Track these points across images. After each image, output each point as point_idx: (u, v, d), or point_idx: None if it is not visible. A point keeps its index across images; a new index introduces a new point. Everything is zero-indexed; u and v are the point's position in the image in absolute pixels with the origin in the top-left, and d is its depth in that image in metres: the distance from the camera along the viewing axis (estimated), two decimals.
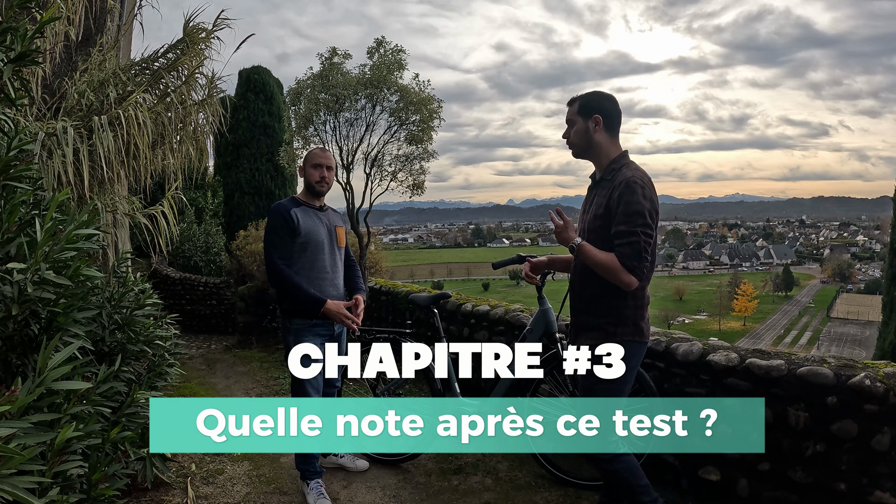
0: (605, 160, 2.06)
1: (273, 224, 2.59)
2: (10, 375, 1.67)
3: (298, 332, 2.59)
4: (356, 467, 2.94)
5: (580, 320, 2.11)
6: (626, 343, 1.97)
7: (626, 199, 1.90)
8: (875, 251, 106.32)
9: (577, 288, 2.13)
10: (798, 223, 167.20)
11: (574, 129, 2.07)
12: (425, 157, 4.97)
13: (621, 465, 2.00)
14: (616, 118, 2.06)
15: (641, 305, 2.01)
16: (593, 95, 2.07)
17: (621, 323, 1.98)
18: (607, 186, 2.00)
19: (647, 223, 1.90)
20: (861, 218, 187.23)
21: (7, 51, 1.78)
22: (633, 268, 1.89)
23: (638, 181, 1.92)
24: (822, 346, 47.01)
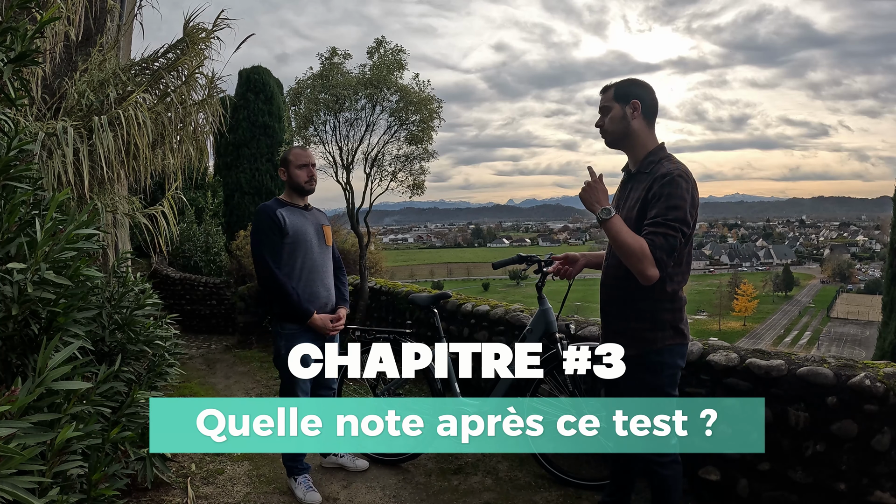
0: (641, 151, 1.93)
1: (260, 225, 2.57)
2: (10, 375, 1.67)
3: (290, 337, 2.58)
4: (356, 467, 2.93)
5: (613, 325, 2.00)
6: (667, 348, 1.88)
7: (668, 191, 1.77)
8: (875, 251, 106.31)
9: (610, 289, 2.01)
10: (798, 223, 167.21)
11: (609, 116, 1.94)
12: (425, 157, 4.97)
13: (672, 472, 1.95)
14: (654, 106, 1.94)
15: (679, 308, 1.91)
16: (631, 81, 1.96)
17: (658, 328, 1.88)
18: (644, 180, 1.87)
19: (686, 220, 1.78)
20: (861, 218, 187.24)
21: (7, 51, 1.78)
22: (660, 260, 1.76)
23: (682, 175, 1.80)
24: (822, 346, 47.01)
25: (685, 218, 1.77)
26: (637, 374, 1.93)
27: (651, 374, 1.90)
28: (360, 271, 5.22)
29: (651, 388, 1.91)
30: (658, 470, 1.95)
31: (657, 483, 1.97)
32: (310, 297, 2.62)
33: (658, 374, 1.90)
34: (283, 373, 2.64)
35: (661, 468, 1.94)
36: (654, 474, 1.97)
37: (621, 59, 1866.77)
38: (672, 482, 1.95)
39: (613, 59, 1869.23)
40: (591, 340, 2.88)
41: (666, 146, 1.96)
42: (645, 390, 1.92)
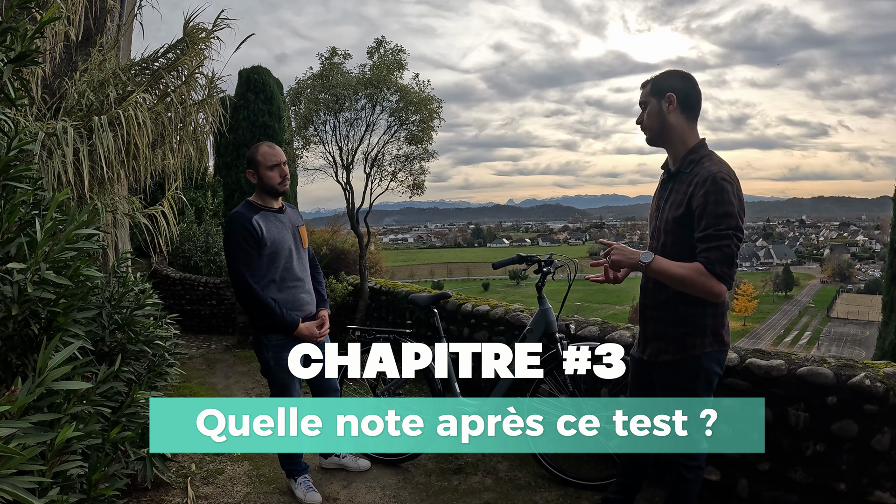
0: (681, 148, 1.86)
1: (235, 236, 2.40)
2: (10, 375, 1.67)
3: (278, 348, 2.47)
4: (358, 467, 2.92)
5: (652, 329, 1.94)
6: (706, 354, 1.83)
7: (715, 198, 1.69)
8: (875, 251, 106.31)
9: (650, 292, 1.94)
10: (798, 223, 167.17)
11: (647, 112, 1.88)
12: (425, 157, 4.97)
13: (696, 476, 1.93)
14: (693, 99, 1.85)
15: (722, 313, 1.85)
16: (667, 73, 1.89)
17: (699, 333, 1.82)
18: (685, 181, 1.80)
19: (738, 225, 1.71)
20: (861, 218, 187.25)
21: (7, 51, 1.78)
22: (722, 275, 1.69)
23: (726, 177, 1.71)
24: (822, 345, 47.01)
25: (737, 224, 1.71)
26: (673, 379, 1.89)
27: (688, 379, 1.86)
28: (360, 271, 5.22)
29: (688, 392, 1.87)
30: (683, 473, 1.91)
31: (679, 485, 1.93)
32: (293, 304, 2.52)
33: (695, 379, 1.85)
34: (274, 384, 2.58)
35: (688, 471, 1.91)
36: (678, 476, 1.93)
37: (620, 59, 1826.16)
38: (693, 487, 1.93)
39: (613, 59, 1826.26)
40: (591, 340, 2.88)
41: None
42: (681, 395, 1.88)
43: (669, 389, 1.91)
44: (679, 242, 1.81)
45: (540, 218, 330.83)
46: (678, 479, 1.93)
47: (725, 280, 1.70)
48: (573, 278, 2.70)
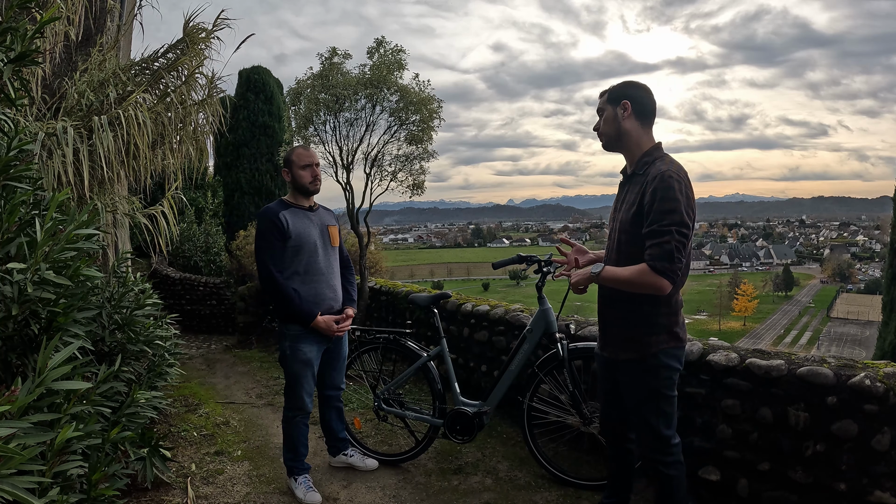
0: (636, 151, 1.94)
1: (263, 229, 2.55)
2: (10, 375, 1.67)
3: (295, 339, 2.58)
4: (366, 466, 2.93)
5: (611, 330, 2.03)
6: (662, 351, 1.90)
7: (661, 195, 1.76)
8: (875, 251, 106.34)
9: (606, 293, 2.03)
10: (798, 223, 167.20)
11: (603, 118, 1.98)
12: (425, 157, 4.97)
13: (677, 472, 1.96)
14: (648, 106, 1.93)
15: (675, 311, 1.92)
16: (625, 83, 1.98)
17: (654, 332, 1.90)
18: (640, 182, 1.88)
19: (684, 221, 1.76)
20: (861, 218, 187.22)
21: (7, 51, 1.78)
22: (663, 270, 1.76)
23: (674, 175, 1.78)
24: (822, 345, 47.02)
25: (683, 220, 1.76)
26: (635, 378, 1.96)
27: (649, 376, 1.92)
28: (360, 271, 5.22)
29: (650, 390, 1.93)
30: (662, 470, 1.96)
31: (662, 483, 1.98)
32: (315, 298, 2.59)
33: (656, 376, 1.91)
34: (288, 373, 2.64)
35: (666, 468, 1.96)
36: (659, 474, 1.98)
37: (620, 59, 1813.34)
38: (677, 483, 1.96)
39: (612, 60, 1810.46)
40: (591, 340, 2.88)
41: (664, 146, 1.96)
42: (645, 393, 1.95)
43: (632, 387, 1.98)
44: (632, 241, 1.89)
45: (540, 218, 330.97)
46: (660, 478, 1.98)
47: (667, 275, 1.76)
48: None
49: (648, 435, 1.97)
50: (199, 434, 3.41)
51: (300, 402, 2.63)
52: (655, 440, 1.95)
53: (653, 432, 1.95)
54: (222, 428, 3.54)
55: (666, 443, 1.95)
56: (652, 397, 1.93)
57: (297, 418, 2.66)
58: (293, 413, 2.66)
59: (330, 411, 2.89)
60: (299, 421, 2.67)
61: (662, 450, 1.95)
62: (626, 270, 1.83)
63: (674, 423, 1.97)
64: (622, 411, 2.10)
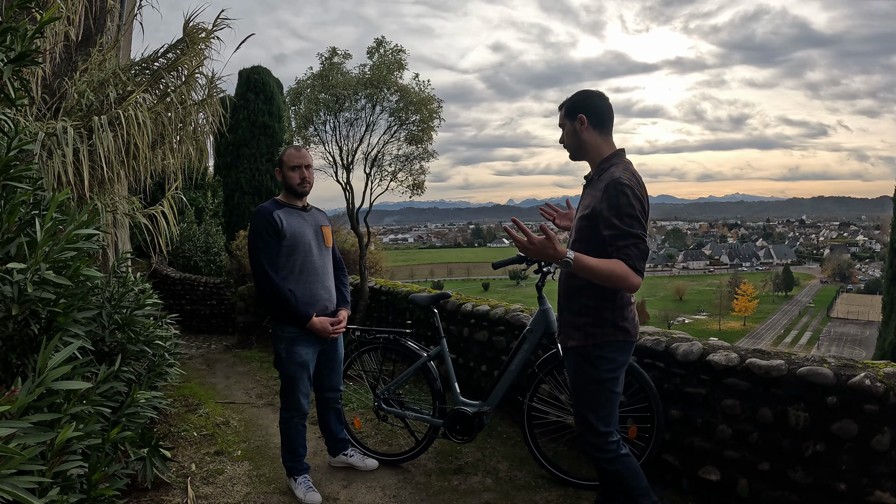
0: (597, 159, 2.00)
1: (257, 228, 2.53)
2: (10, 375, 1.67)
3: (291, 341, 2.56)
4: (366, 466, 2.93)
5: (564, 318, 2.08)
6: (608, 343, 1.94)
7: (617, 200, 1.82)
8: (875, 251, 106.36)
9: (563, 286, 2.09)
10: (798, 223, 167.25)
11: (565, 132, 2.05)
12: (425, 156, 4.97)
13: (622, 466, 1.99)
14: (604, 114, 1.98)
15: (622, 306, 1.96)
16: (577, 95, 2.03)
17: (599, 324, 1.95)
18: (596, 186, 1.94)
19: (643, 224, 1.84)
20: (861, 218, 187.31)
21: (7, 51, 1.78)
22: (640, 269, 1.81)
23: (625, 181, 1.83)
24: (822, 345, 47.02)
25: (641, 223, 1.84)
26: (578, 366, 2.00)
27: (591, 366, 1.96)
28: (360, 271, 5.22)
29: (591, 379, 1.97)
30: (605, 467, 2.01)
31: (612, 479, 2.03)
32: (309, 299, 2.57)
33: (597, 366, 1.95)
34: (283, 375, 2.62)
35: (609, 465, 1.99)
36: (604, 472, 2.03)
37: (619, 59, 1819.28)
38: (627, 475, 1.99)
39: (611, 60, 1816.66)
40: None
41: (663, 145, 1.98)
42: (586, 382, 1.99)
43: (575, 375, 2.02)
44: (583, 239, 1.95)
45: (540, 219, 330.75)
46: (607, 475, 2.02)
47: (641, 273, 1.83)
48: None
49: (585, 429, 2.00)
50: (199, 434, 3.41)
51: (297, 404, 2.62)
52: (592, 436, 1.99)
53: (589, 428, 1.98)
54: (222, 428, 3.54)
55: (603, 440, 1.98)
56: (593, 389, 1.97)
57: (294, 420, 2.65)
58: (290, 415, 2.65)
59: (329, 413, 2.88)
60: (297, 422, 2.66)
61: (599, 447, 1.99)
62: (605, 263, 1.81)
63: (613, 420, 2.00)
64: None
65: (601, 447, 1.99)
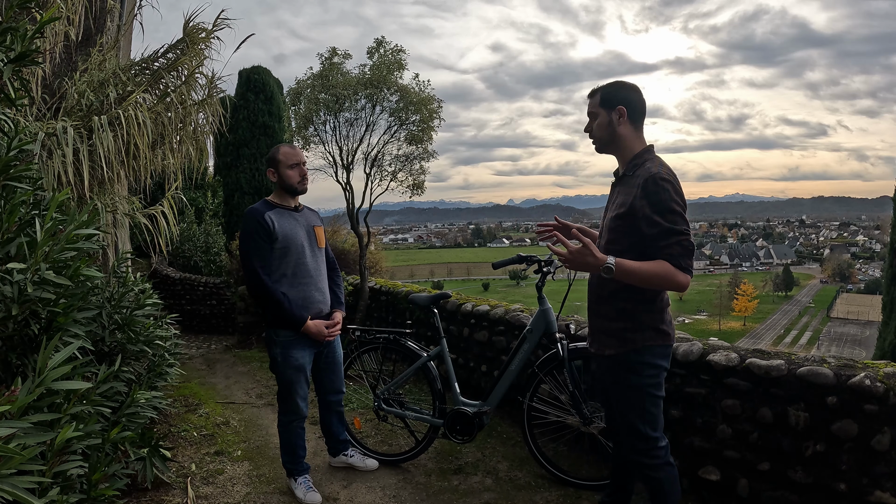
0: (628, 154, 1.92)
1: (249, 230, 2.47)
2: (10, 375, 1.67)
3: (286, 345, 2.52)
4: (366, 466, 2.92)
5: (597, 324, 1.99)
6: (647, 348, 1.86)
7: (659, 196, 1.74)
8: (875, 251, 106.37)
9: (594, 289, 2.00)
10: (798, 223, 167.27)
11: (597, 122, 1.94)
12: (425, 156, 4.97)
13: (665, 475, 1.92)
14: (641, 109, 1.92)
15: (661, 308, 1.89)
16: (616, 85, 1.94)
17: (639, 328, 1.87)
18: (630, 183, 1.86)
19: (685, 219, 1.76)
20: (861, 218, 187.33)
21: (7, 51, 1.78)
22: (687, 267, 1.74)
23: (665, 177, 1.76)
24: (822, 345, 47.01)
25: (685, 218, 1.77)
26: (618, 374, 1.93)
27: (632, 373, 1.89)
28: (360, 271, 5.22)
29: (632, 387, 1.90)
30: (649, 473, 1.93)
31: (652, 487, 1.95)
32: (304, 301, 2.54)
33: (639, 373, 1.88)
34: (280, 380, 2.59)
35: (653, 471, 1.92)
36: (647, 479, 1.94)
37: (618, 59, 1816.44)
38: (668, 485, 1.92)
39: (610, 60, 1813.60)
40: None
41: (663, 146, 1.95)
42: (627, 390, 1.92)
43: (615, 384, 1.95)
44: (617, 240, 1.87)
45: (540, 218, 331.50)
46: (649, 481, 1.95)
47: (689, 271, 1.76)
48: (573, 278, 2.70)
49: (633, 435, 1.93)
50: (199, 434, 3.41)
51: (295, 408, 2.60)
52: (640, 442, 1.91)
53: (637, 434, 1.91)
54: (222, 428, 3.54)
55: (652, 445, 1.91)
56: (636, 396, 1.89)
57: (293, 423, 2.63)
58: (289, 418, 2.63)
59: (331, 415, 2.86)
60: (296, 426, 2.64)
61: (647, 452, 1.92)
62: (648, 265, 1.75)
63: (660, 424, 1.93)
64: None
65: (649, 452, 1.91)
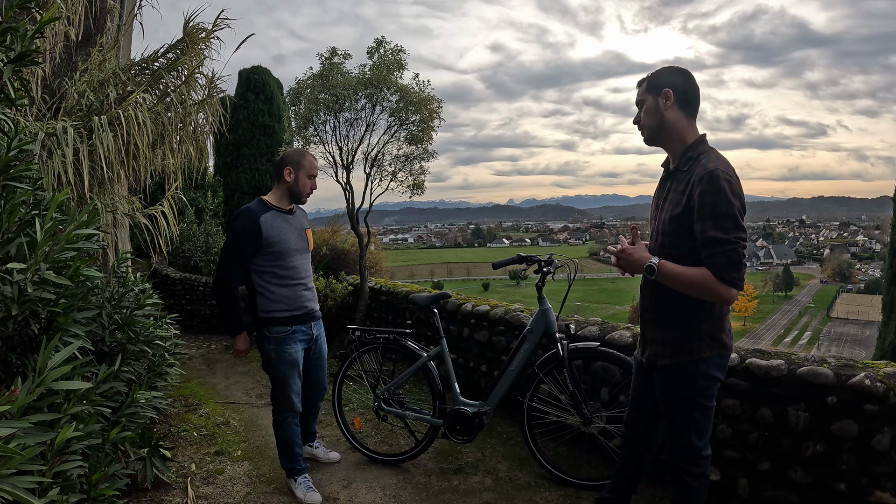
0: (679, 145, 1.81)
1: (238, 230, 2.51)
2: (10, 375, 1.67)
3: (279, 341, 2.58)
4: (328, 459, 2.99)
5: (651, 332, 1.91)
6: (704, 359, 1.78)
7: (713, 197, 1.63)
8: (875, 251, 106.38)
9: (647, 295, 1.90)
10: (798, 223, 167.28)
11: (644, 109, 1.84)
12: (425, 157, 4.97)
13: (700, 484, 1.88)
14: (691, 94, 1.79)
15: (720, 316, 1.80)
16: (663, 69, 1.84)
17: (696, 338, 1.77)
18: (684, 179, 1.75)
19: (741, 226, 1.64)
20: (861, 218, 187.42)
21: (7, 51, 1.78)
22: (732, 280, 1.63)
23: (723, 174, 1.64)
24: (822, 345, 47.01)
25: (739, 224, 1.65)
26: (671, 384, 1.86)
27: (686, 385, 1.81)
28: (360, 271, 5.22)
29: (684, 398, 1.83)
30: (686, 480, 1.87)
31: (682, 492, 1.89)
32: (295, 301, 2.61)
33: (692, 385, 1.80)
34: (274, 376, 2.62)
35: (690, 478, 1.87)
36: (681, 483, 1.89)
37: (617, 59, 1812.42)
38: (698, 494, 1.88)
39: (610, 60, 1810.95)
40: (590, 340, 2.88)
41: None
42: (678, 401, 1.85)
43: (668, 394, 1.88)
44: (676, 244, 1.77)
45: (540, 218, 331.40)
46: (681, 486, 1.89)
47: (735, 284, 1.65)
48: (573, 278, 2.70)
49: (678, 443, 1.87)
50: (199, 434, 3.41)
51: (289, 404, 2.63)
52: (685, 449, 1.86)
53: (683, 441, 1.86)
54: (222, 428, 3.54)
55: (696, 453, 1.86)
56: (686, 406, 1.82)
57: (287, 420, 2.66)
58: (283, 416, 2.65)
59: (310, 408, 2.91)
60: (290, 423, 2.67)
61: (691, 460, 1.86)
62: (690, 272, 1.66)
63: (707, 433, 1.86)
64: (651, 418, 2.03)
65: (692, 459, 1.86)
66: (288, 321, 2.59)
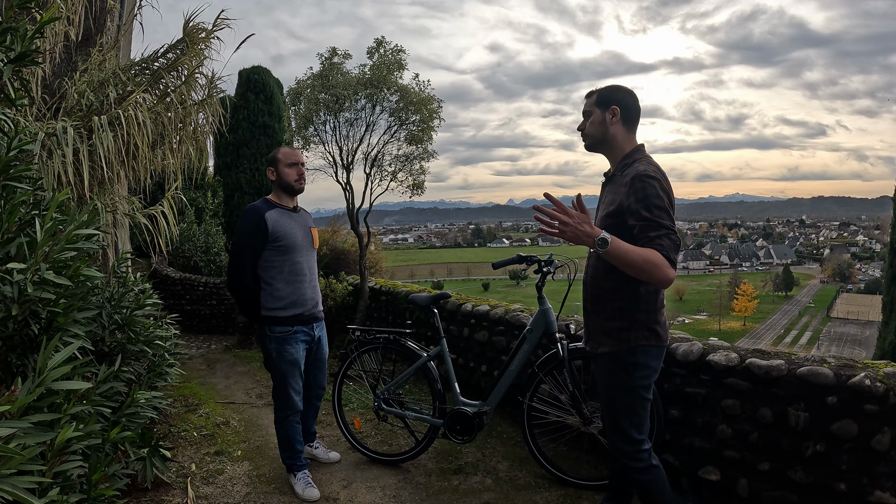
0: (619, 154, 1.96)
1: (248, 227, 2.57)
2: (10, 375, 1.67)
3: (280, 340, 2.61)
4: (328, 459, 3.01)
5: (592, 323, 2.02)
6: (640, 348, 1.89)
7: (645, 192, 1.77)
8: (875, 251, 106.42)
9: (589, 287, 2.03)
10: (798, 223, 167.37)
11: (590, 120, 1.99)
12: (425, 157, 4.97)
13: (651, 477, 1.94)
14: (634, 112, 1.97)
15: (655, 309, 1.91)
16: (613, 87, 2.00)
17: (633, 327, 1.89)
18: (619, 182, 1.90)
19: (671, 216, 1.78)
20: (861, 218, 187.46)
21: (7, 51, 1.78)
22: (674, 261, 1.73)
23: (652, 174, 1.80)
24: (822, 345, 47.01)
25: (670, 215, 1.79)
26: (611, 373, 1.95)
27: (623, 372, 1.91)
28: (360, 271, 5.22)
29: (624, 386, 1.92)
30: (636, 477, 1.95)
31: (639, 489, 1.97)
32: (299, 298, 2.64)
33: (630, 373, 1.90)
34: (276, 375, 2.67)
35: (639, 474, 1.94)
36: (634, 481, 1.97)
37: (616, 59, 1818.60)
38: (654, 486, 1.93)
39: (608, 60, 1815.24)
40: None
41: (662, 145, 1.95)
42: (618, 389, 1.94)
43: (607, 382, 1.97)
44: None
45: None
46: (636, 484, 1.96)
47: (675, 266, 1.75)
48: (573, 278, 2.70)
49: (619, 437, 1.95)
50: (199, 434, 3.41)
51: (290, 402, 2.67)
52: (626, 444, 1.94)
53: (623, 435, 1.94)
54: (222, 428, 3.54)
55: (636, 447, 1.93)
56: (625, 395, 1.91)
57: (288, 418, 2.70)
58: (284, 414, 2.69)
59: (309, 408, 2.94)
60: (291, 420, 2.71)
61: (633, 455, 1.93)
62: (640, 250, 1.71)
63: (645, 427, 1.95)
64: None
65: (633, 455, 1.94)
66: (290, 321, 2.61)
